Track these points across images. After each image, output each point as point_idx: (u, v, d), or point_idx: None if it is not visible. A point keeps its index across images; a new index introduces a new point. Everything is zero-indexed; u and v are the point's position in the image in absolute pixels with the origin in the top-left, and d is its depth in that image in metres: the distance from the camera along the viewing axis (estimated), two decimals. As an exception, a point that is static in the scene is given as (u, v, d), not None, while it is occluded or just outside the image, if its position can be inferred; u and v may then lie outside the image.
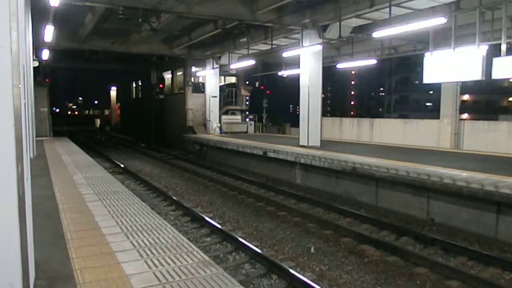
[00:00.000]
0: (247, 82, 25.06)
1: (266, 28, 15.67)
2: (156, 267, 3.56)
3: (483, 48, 8.89)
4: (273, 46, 16.12)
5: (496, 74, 8.56)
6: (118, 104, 42.57)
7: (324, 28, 13.40)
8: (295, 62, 16.29)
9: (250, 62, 17.27)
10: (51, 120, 21.20)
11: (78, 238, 4.32)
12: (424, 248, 6.99)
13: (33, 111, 13.81)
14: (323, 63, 14.20)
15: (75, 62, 24.97)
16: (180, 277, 3.36)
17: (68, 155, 12.16)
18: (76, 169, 9.41)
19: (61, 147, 14.64)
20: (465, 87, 19.27)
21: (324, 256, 6.69)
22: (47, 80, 21.59)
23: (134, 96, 34.83)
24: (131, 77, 33.36)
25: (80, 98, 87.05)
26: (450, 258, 6.55)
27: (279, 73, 21.19)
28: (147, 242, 4.21)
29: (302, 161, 11.89)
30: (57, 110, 70.43)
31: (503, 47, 8.57)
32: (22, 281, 2.61)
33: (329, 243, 7.33)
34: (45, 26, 12.05)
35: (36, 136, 14.97)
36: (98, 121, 51.69)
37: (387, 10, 10.18)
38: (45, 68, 21.04)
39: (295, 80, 15.28)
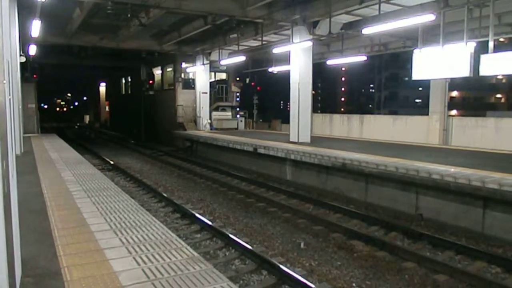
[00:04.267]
0: (237, 79, 25.01)
1: (256, 24, 15.65)
2: (145, 263, 3.55)
3: (471, 45, 8.97)
4: (264, 42, 16.09)
5: (484, 71, 8.64)
6: (108, 100, 42.19)
7: (314, 24, 13.43)
8: (285, 59, 16.29)
9: (241, 58, 17.23)
10: (39, 116, 20.93)
11: (66, 236, 4.28)
12: (412, 243, 7.07)
13: (20, 107, 13.62)
14: (313, 60, 14.24)
15: (64, 57, 24.64)
16: (169, 273, 3.35)
17: (56, 152, 12.03)
18: (65, 166, 9.31)
19: (49, 144, 14.47)
20: (453, 83, 19.48)
21: (314, 251, 6.73)
22: (34, 76, 21.27)
23: (123, 92, 34.54)
24: (121, 73, 33.07)
25: (69, 94, 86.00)
26: (438, 252, 6.63)
27: (270, 70, 21.17)
28: (136, 239, 4.19)
29: (293, 157, 11.91)
30: (45, 106, 69.59)
31: (491, 44, 8.65)
32: (8, 279, 2.58)
33: (319, 238, 7.37)
34: (32, 21, 11.88)
35: (24, 133, 14.78)
36: (87, 118, 51.21)
37: (377, 6, 10.22)
38: (32, 63, 20.74)
39: (286, 76, 15.28)
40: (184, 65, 22.51)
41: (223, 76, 24.47)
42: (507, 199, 6.65)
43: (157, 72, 26.43)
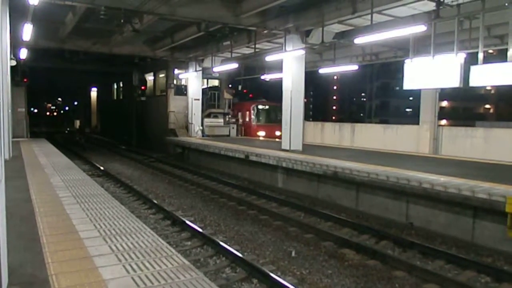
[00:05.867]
0: (230, 85, 25.04)
1: (250, 32, 15.71)
2: (135, 271, 3.50)
3: (461, 56, 9.10)
4: (256, 50, 16.15)
5: (473, 82, 8.76)
6: (99, 106, 41.91)
7: (307, 33, 13.52)
8: (278, 66, 16.37)
9: (233, 66, 17.27)
10: (28, 120, 20.70)
11: (54, 242, 4.21)
12: (403, 252, 7.09)
13: (10, 111, 13.46)
14: (305, 68, 14.31)
15: (55, 62, 24.45)
16: (159, 282, 3.30)
17: (46, 157, 11.89)
18: (54, 171, 9.20)
19: (38, 149, 14.31)
20: (443, 93, 19.73)
21: (305, 260, 6.71)
22: (25, 79, 21.07)
23: (115, 97, 34.36)
24: (112, 78, 32.91)
25: (60, 99, 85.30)
26: (428, 261, 6.65)
27: (262, 77, 21.24)
28: (125, 246, 4.13)
29: (284, 165, 11.92)
30: (35, 111, 68.90)
31: (480, 56, 8.79)
32: (-6, 287, 2.52)
33: (310, 247, 7.36)
34: (23, 25, 11.79)
35: (13, 137, 14.60)
36: (77, 122, 50.75)
37: (369, 17, 10.34)
38: (23, 67, 20.55)
39: (278, 84, 15.34)
40: (176, 71, 22.48)
41: (215, 83, 24.48)
42: (497, 209, 6.70)
43: (149, 78, 26.36)
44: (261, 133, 22.88)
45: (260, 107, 24.24)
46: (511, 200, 6.45)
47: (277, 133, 22.74)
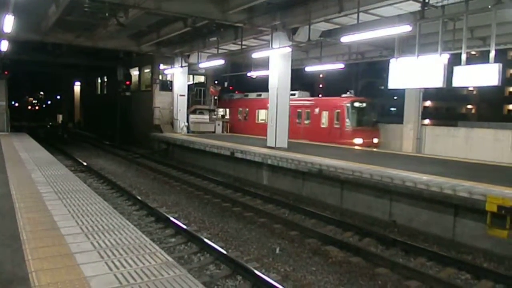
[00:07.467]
0: (216, 82, 24.93)
1: (236, 29, 15.64)
2: (118, 268, 3.45)
3: (445, 57, 9.24)
4: (243, 47, 16.10)
5: (456, 82, 8.90)
6: (82, 100, 41.25)
7: (294, 30, 13.52)
8: (264, 63, 16.35)
9: (220, 62, 17.19)
10: (9, 114, 20.24)
11: (35, 239, 4.13)
12: (386, 249, 7.18)
13: (-10, 104, 13.15)
14: (292, 66, 14.32)
15: (37, 55, 23.93)
16: (142, 279, 3.27)
17: (27, 152, 11.65)
18: (35, 166, 9.02)
19: (19, 143, 14.01)
20: (427, 93, 19.99)
21: (289, 257, 6.73)
22: (5, 72, 20.58)
23: (99, 92, 33.86)
24: (97, 72, 32.41)
25: (42, 93, 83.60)
26: (411, 258, 6.75)
27: (248, 74, 21.20)
28: (108, 243, 4.08)
29: (269, 162, 11.93)
30: (16, 104, 67.48)
31: (463, 57, 8.94)
32: (-29, 285, 2.46)
33: (294, 244, 7.39)
34: (4, 16, 11.49)
35: (-8, 131, 14.27)
36: (60, 117, 49.88)
37: (356, 16, 10.40)
38: (4, 60, 20.08)
39: (265, 81, 15.32)
40: (162, 66, 22.26)
41: (201, 79, 24.34)
42: (477, 207, 6.83)
43: (134, 73, 26.05)
44: (358, 140, 16.95)
45: (356, 105, 17.96)
46: (491, 199, 6.59)
47: (375, 140, 17.66)
